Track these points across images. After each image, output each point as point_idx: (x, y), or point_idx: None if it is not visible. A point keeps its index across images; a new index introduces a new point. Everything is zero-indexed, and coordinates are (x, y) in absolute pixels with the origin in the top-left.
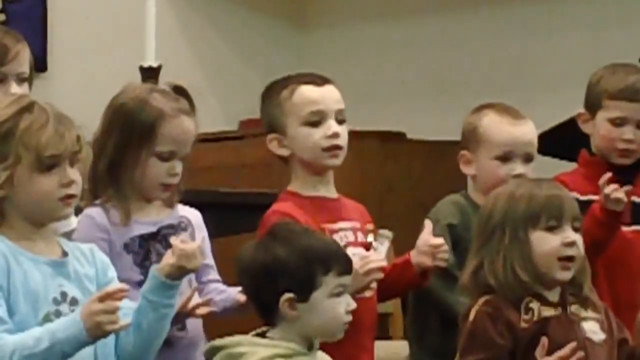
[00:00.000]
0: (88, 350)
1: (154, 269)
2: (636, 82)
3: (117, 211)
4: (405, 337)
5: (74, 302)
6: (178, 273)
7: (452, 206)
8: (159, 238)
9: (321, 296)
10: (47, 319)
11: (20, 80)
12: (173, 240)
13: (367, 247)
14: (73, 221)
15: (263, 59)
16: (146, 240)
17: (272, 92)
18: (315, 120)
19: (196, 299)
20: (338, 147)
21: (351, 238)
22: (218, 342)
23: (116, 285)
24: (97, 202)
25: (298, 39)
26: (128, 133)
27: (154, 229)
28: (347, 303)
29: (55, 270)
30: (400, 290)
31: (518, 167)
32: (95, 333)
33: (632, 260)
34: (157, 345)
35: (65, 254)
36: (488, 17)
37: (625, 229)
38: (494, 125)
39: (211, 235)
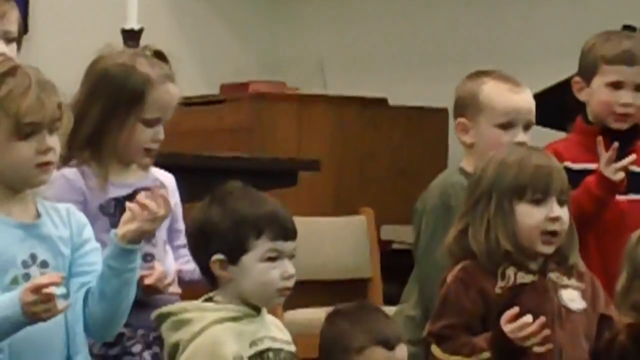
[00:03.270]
0: (59, 316)
1: (113, 235)
2: (632, 46)
3: (93, 173)
4: (385, 302)
5: (44, 264)
6: (138, 237)
7: (460, 190)
8: (135, 200)
9: (252, 260)
10: (15, 281)
11: (8, 40)
12: (130, 204)
13: None
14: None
15: (244, 23)
16: (122, 202)
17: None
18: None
19: (169, 278)
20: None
21: None
22: (165, 309)
23: (49, 275)
24: (72, 162)
25: (278, 4)
26: (115, 99)
27: (129, 190)
28: (283, 269)
29: (26, 233)
30: None
31: (520, 135)
32: (33, 319)
33: (625, 231)
34: (125, 310)
35: (39, 215)
36: None
37: (620, 197)
38: (496, 92)
39: (193, 199)
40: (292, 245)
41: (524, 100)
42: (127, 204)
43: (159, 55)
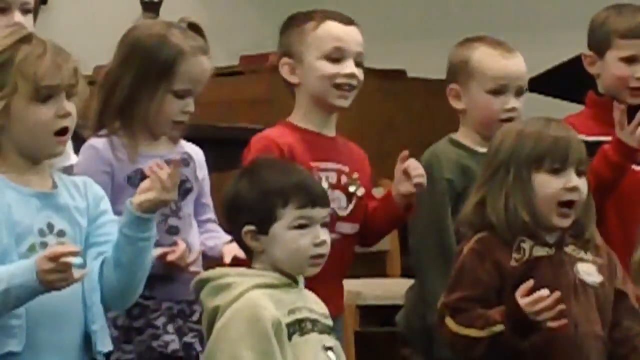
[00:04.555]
0: (75, 284)
1: (129, 204)
2: None
3: (123, 144)
4: (403, 274)
5: (61, 233)
6: (154, 206)
7: (445, 161)
8: (149, 169)
9: (281, 228)
10: (32, 249)
11: (25, 11)
12: (148, 169)
13: (348, 195)
14: (72, 157)
15: None
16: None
17: (295, 22)
18: (335, 57)
19: (192, 256)
20: (351, 88)
21: (333, 180)
22: (204, 274)
23: (67, 244)
24: (102, 132)
25: None
26: (146, 69)
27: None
28: (314, 236)
29: (43, 203)
30: (386, 227)
31: (511, 101)
32: (48, 288)
33: None
34: (141, 279)
35: (55, 186)
36: None
37: (636, 167)
38: (486, 58)
39: (210, 170)
40: (323, 212)
41: (515, 65)
42: (147, 170)
43: (195, 28)
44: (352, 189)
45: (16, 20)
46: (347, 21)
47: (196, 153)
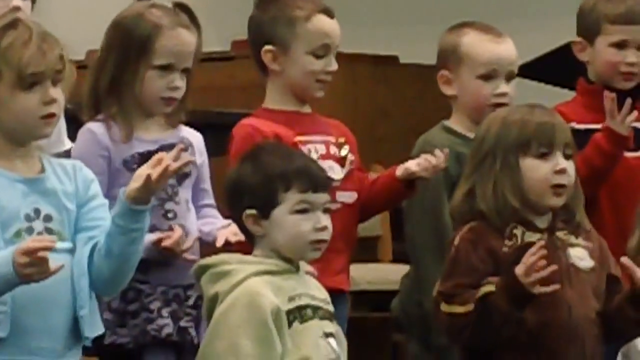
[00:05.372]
0: (64, 268)
1: (122, 194)
2: (634, 4)
3: (118, 127)
4: (394, 260)
5: (47, 218)
6: (145, 197)
7: (439, 148)
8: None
9: (282, 213)
10: (18, 235)
11: None
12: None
13: (340, 160)
14: (67, 143)
15: None
16: (146, 157)
17: (280, 5)
18: (322, 53)
19: (188, 242)
20: (328, 81)
21: (322, 151)
22: (205, 261)
23: (41, 238)
24: (99, 117)
25: None
26: (126, 48)
27: (154, 146)
28: (315, 220)
29: (30, 188)
30: (384, 202)
31: (502, 86)
32: (25, 280)
33: (637, 187)
34: (131, 268)
35: (43, 170)
36: None
37: (628, 154)
38: (476, 43)
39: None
40: (325, 197)
41: (506, 50)
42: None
43: (183, 8)
44: (343, 152)
45: (14, 3)
46: (332, 13)
47: (195, 138)
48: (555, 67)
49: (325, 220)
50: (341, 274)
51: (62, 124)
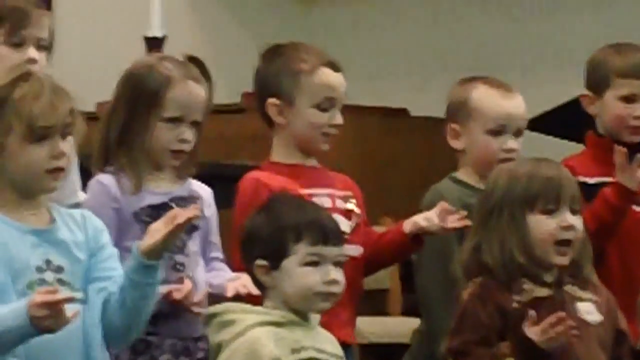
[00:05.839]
0: (76, 319)
1: (135, 249)
2: None
3: (128, 179)
4: (403, 313)
5: (59, 269)
6: (159, 253)
7: (449, 199)
8: (169, 209)
9: (292, 264)
10: (30, 287)
11: (39, 47)
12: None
13: (346, 213)
14: (80, 195)
15: (267, 32)
16: (156, 210)
17: (285, 58)
18: (327, 106)
19: (198, 296)
20: (333, 134)
21: (328, 204)
22: (211, 309)
23: (53, 288)
24: (109, 168)
25: (302, 12)
26: (136, 99)
27: (164, 199)
28: (324, 273)
29: (40, 239)
30: (390, 256)
31: (510, 142)
32: (42, 331)
33: None
34: (144, 321)
35: (53, 221)
36: None
37: (636, 208)
38: (486, 98)
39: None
40: (336, 250)
41: (515, 106)
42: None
43: (194, 61)
44: (349, 206)
45: (30, 55)
46: (337, 67)
47: (205, 191)
48: (564, 121)
49: (336, 274)
50: (347, 327)
51: (76, 176)
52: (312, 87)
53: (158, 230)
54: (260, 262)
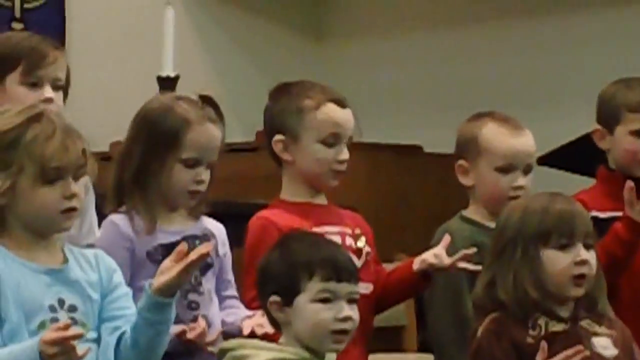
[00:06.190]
0: (89, 358)
1: (148, 287)
2: None
3: (141, 219)
4: (420, 349)
5: (72, 309)
6: (171, 290)
7: (459, 238)
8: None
9: (304, 301)
10: (42, 326)
11: (56, 87)
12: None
13: (357, 252)
14: (97, 234)
15: (280, 70)
16: (169, 249)
17: (291, 96)
18: (332, 141)
19: (211, 335)
20: (343, 172)
21: (337, 242)
22: (225, 344)
23: (64, 324)
24: (122, 209)
25: (314, 50)
26: (153, 140)
27: (178, 238)
28: (337, 310)
29: (53, 278)
30: (399, 293)
31: (519, 179)
32: None
33: None
34: (158, 358)
35: (66, 260)
36: (505, 31)
37: None
38: (495, 135)
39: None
40: (349, 287)
41: (524, 144)
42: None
43: (206, 99)
44: (359, 244)
45: (47, 95)
46: (343, 103)
47: (218, 229)
48: (576, 156)
49: (349, 311)
50: None
51: (93, 216)
52: (317, 123)
53: (168, 268)
54: (274, 298)
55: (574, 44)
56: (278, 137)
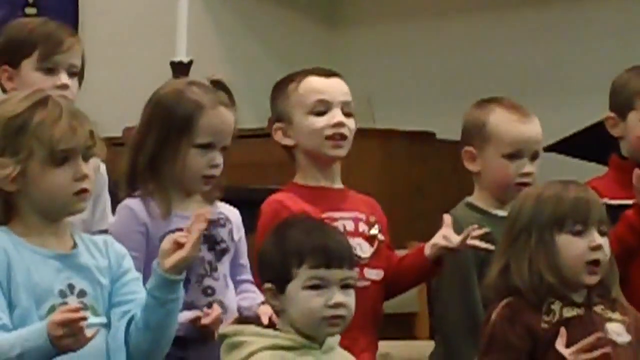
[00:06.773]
0: (99, 343)
1: (156, 265)
2: None
3: (156, 204)
4: (431, 337)
5: (81, 294)
6: (180, 267)
7: (466, 226)
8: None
9: (296, 288)
10: (52, 311)
11: (71, 74)
12: (169, 236)
13: (369, 238)
14: (111, 219)
15: (293, 56)
16: None
17: (281, 86)
18: (321, 110)
19: (226, 321)
20: (342, 137)
21: (350, 228)
22: (224, 330)
23: (72, 306)
24: (137, 193)
25: (328, 37)
26: (167, 126)
27: None
28: (327, 297)
29: (63, 263)
30: (412, 278)
31: (527, 166)
32: (62, 350)
33: None
34: (169, 340)
35: (76, 246)
36: (519, 19)
37: None
38: (503, 122)
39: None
40: (341, 273)
41: (532, 130)
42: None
43: (218, 84)
44: (373, 232)
45: (62, 81)
46: (329, 74)
47: (233, 214)
48: (589, 143)
49: (341, 297)
50: (366, 351)
51: (107, 201)
52: (300, 97)
53: (171, 248)
54: (268, 285)
55: (586, 32)
56: (276, 125)
